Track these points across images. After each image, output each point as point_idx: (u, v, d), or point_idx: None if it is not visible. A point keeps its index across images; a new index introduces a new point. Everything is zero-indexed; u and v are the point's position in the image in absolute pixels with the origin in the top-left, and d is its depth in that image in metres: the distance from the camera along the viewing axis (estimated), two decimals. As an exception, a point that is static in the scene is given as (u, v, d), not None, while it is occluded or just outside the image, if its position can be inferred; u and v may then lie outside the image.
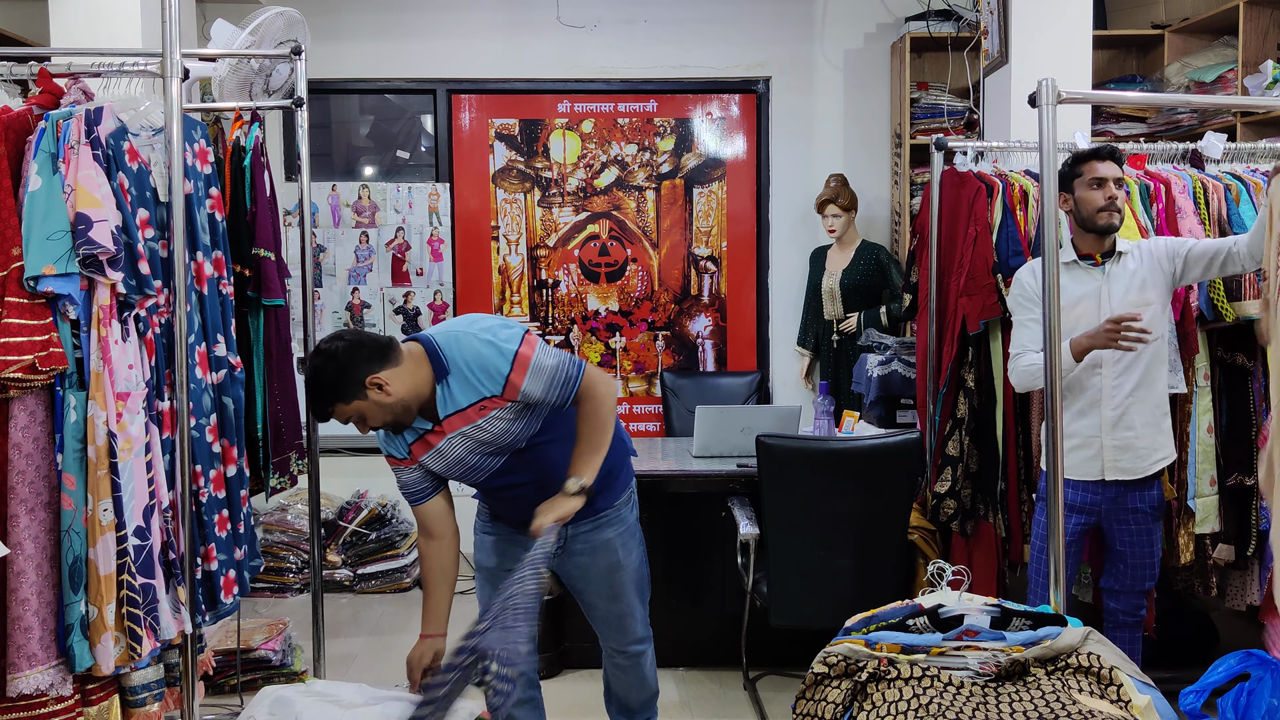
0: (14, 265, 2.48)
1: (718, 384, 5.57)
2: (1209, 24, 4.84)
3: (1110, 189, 3.23)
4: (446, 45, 5.67)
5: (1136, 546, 3.31)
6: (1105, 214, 3.23)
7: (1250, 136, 4.45)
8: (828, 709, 2.14)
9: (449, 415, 2.58)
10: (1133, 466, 3.25)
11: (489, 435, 2.61)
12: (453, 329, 2.62)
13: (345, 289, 5.76)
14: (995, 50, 4.59)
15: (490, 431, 2.60)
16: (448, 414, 2.58)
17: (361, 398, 2.50)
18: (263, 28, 3.41)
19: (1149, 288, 3.25)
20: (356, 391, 2.49)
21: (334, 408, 2.52)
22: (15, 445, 2.51)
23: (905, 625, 2.25)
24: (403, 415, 2.57)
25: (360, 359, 2.50)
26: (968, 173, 3.86)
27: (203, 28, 4.91)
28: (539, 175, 5.84)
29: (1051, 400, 2.67)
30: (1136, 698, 2.03)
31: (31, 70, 2.80)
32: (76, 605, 2.53)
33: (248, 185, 3.34)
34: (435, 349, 2.57)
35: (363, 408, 2.52)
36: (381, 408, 2.52)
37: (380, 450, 2.73)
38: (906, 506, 3.57)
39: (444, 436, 2.61)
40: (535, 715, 2.97)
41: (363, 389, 2.49)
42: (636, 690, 3.05)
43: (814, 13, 5.74)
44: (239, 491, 3.01)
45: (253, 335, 3.36)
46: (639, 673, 3.03)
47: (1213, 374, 3.64)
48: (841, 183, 5.38)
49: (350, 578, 5.25)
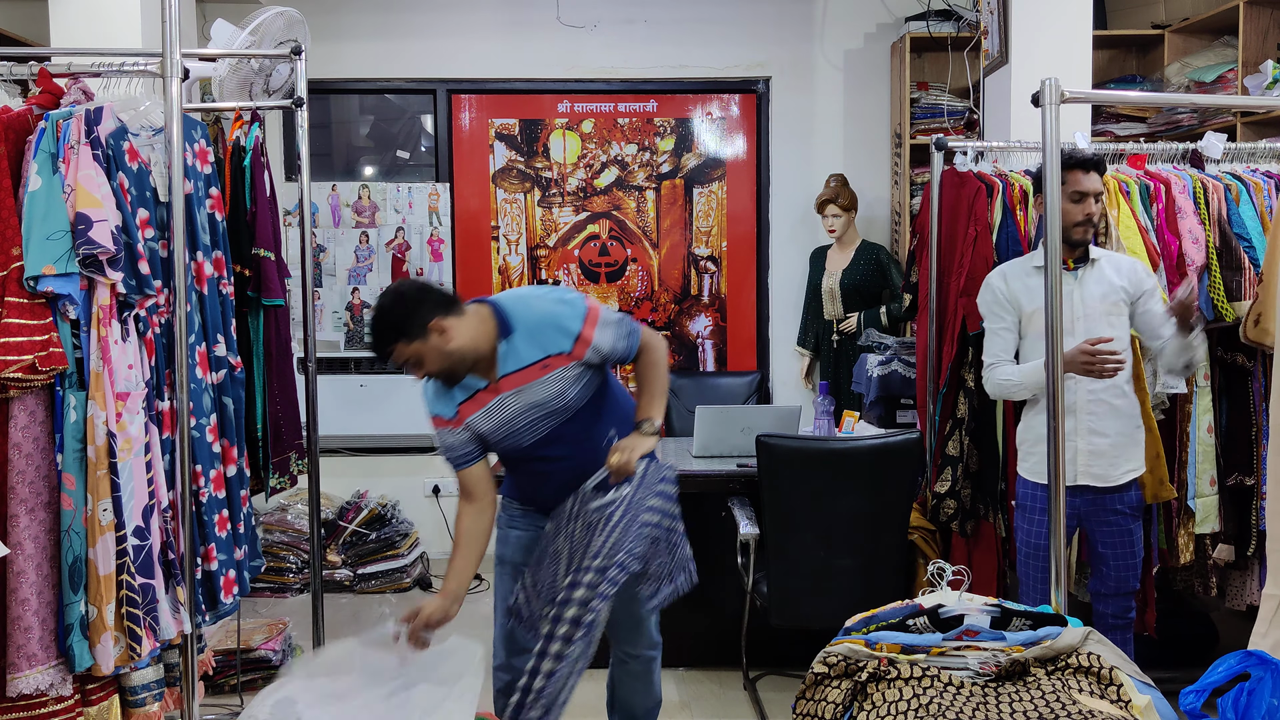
0: (14, 265, 2.48)
1: (718, 384, 5.57)
2: (1209, 24, 4.84)
3: (1089, 205, 3.20)
4: (446, 45, 5.67)
5: (1117, 548, 3.29)
6: (1080, 229, 3.23)
7: (1250, 136, 4.45)
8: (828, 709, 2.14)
9: (507, 374, 2.66)
10: (1104, 474, 3.25)
11: (542, 397, 2.68)
12: (518, 294, 2.76)
13: (345, 289, 5.76)
14: (995, 50, 4.59)
15: (545, 393, 2.67)
16: (506, 372, 2.65)
17: (423, 339, 2.58)
18: (263, 28, 3.41)
19: (1119, 298, 3.26)
20: (419, 333, 2.57)
21: (395, 346, 2.59)
22: (15, 445, 2.51)
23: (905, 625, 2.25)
24: (458, 365, 2.64)
25: (427, 301, 2.59)
26: (968, 173, 3.86)
27: (203, 28, 4.91)
28: (539, 175, 5.84)
29: (1053, 401, 2.67)
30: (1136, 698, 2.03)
31: (31, 70, 2.80)
32: (76, 605, 2.53)
33: (248, 185, 3.34)
34: (501, 308, 2.68)
35: (422, 350, 2.59)
36: (440, 354, 2.60)
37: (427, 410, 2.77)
38: (906, 506, 3.57)
39: (497, 395, 2.67)
40: None
41: (425, 331, 2.57)
42: (643, 697, 3.05)
43: (814, 13, 5.74)
44: (239, 491, 3.01)
45: (253, 335, 3.36)
46: (649, 679, 3.03)
47: (1213, 374, 3.64)
48: (841, 183, 5.38)
49: (350, 578, 5.25)
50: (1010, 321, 3.36)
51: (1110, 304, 3.25)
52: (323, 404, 3.85)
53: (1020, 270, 3.36)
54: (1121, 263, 3.32)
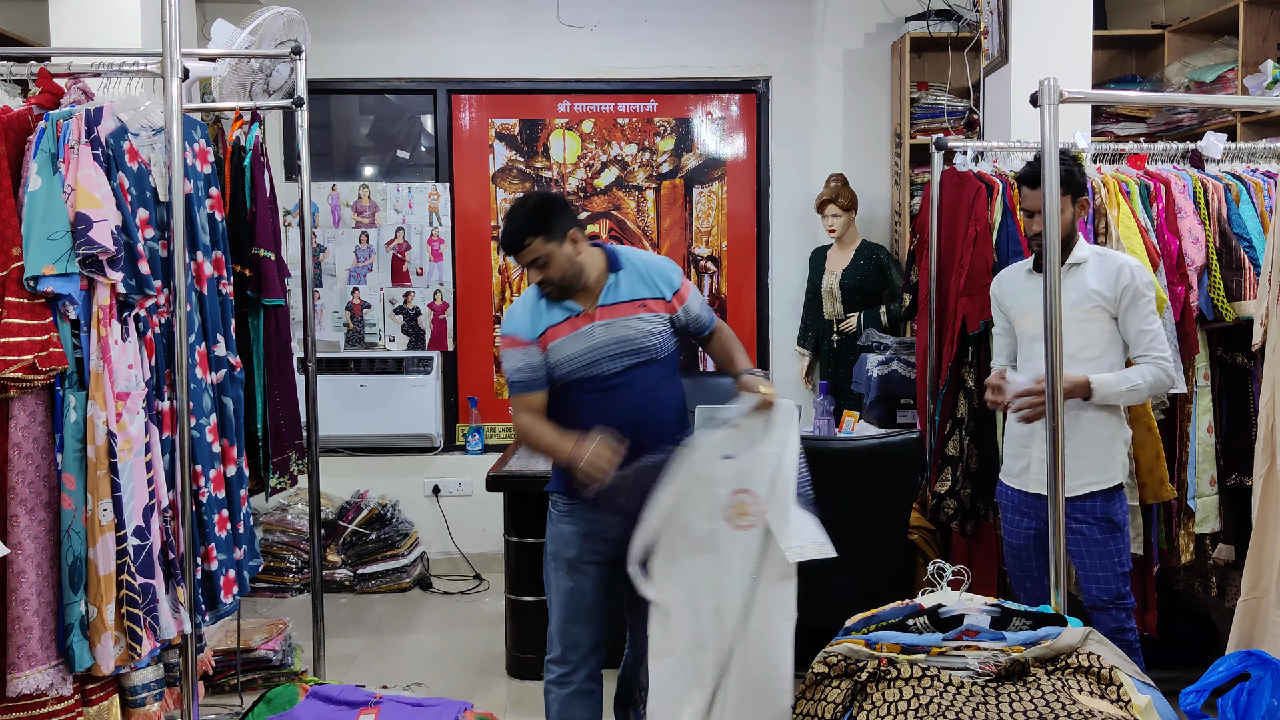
0: (14, 265, 2.48)
1: (717, 384, 5.56)
2: (1209, 24, 4.84)
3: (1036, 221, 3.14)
4: (446, 45, 5.67)
5: (1085, 558, 3.18)
6: (1033, 242, 3.23)
7: (1250, 136, 4.45)
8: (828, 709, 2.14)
9: (607, 304, 2.85)
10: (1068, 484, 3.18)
11: (632, 333, 2.85)
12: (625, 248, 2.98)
13: (345, 289, 5.76)
14: (995, 50, 4.59)
15: (635, 330, 2.85)
16: (606, 302, 2.85)
17: (559, 242, 2.77)
18: (263, 28, 3.41)
19: (1096, 307, 3.15)
20: (559, 235, 2.77)
21: (534, 240, 2.75)
22: (15, 445, 2.51)
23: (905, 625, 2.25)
24: (574, 280, 2.82)
25: (569, 212, 2.84)
26: (968, 173, 3.86)
27: (203, 28, 4.91)
28: (539, 175, 5.84)
29: (1052, 401, 2.67)
30: (1136, 698, 2.04)
31: (31, 70, 2.80)
32: (76, 605, 2.53)
33: (248, 185, 3.34)
34: (613, 250, 2.92)
35: (554, 252, 2.77)
36: (568, 261, 2.79)
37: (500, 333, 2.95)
38: (906, 506, 3.57)
39: (591, 321, 2.83)
40: (594, 709, 2.96)
41: (564, 236, 2.77)
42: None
43: (814, 13, 5.74)
44: (239, 491, 3.01)
45: (253, 335, 3.36)
46: None
47: (1213, 374, 3.64)
48: (841, 183, 5.37)
49: (350, 578, 5.25)
50: (1004, 325, 3.39)
51: (1082, 311, 3.15)
52: (323, 404, 3.85)
53: (1013, 273, 3.38)
54: (1109, 265, 3.18)
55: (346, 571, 5.25)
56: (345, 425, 5.47)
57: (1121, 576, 3.19)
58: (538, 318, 2.85)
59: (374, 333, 5.77)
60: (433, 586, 5.36)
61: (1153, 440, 3.46)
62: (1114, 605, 3.20)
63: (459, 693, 3.90)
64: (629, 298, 2.86)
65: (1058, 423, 2.66)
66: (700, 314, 3.00)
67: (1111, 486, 3.17)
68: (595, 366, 2.83)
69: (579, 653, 2.91)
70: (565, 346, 2.82)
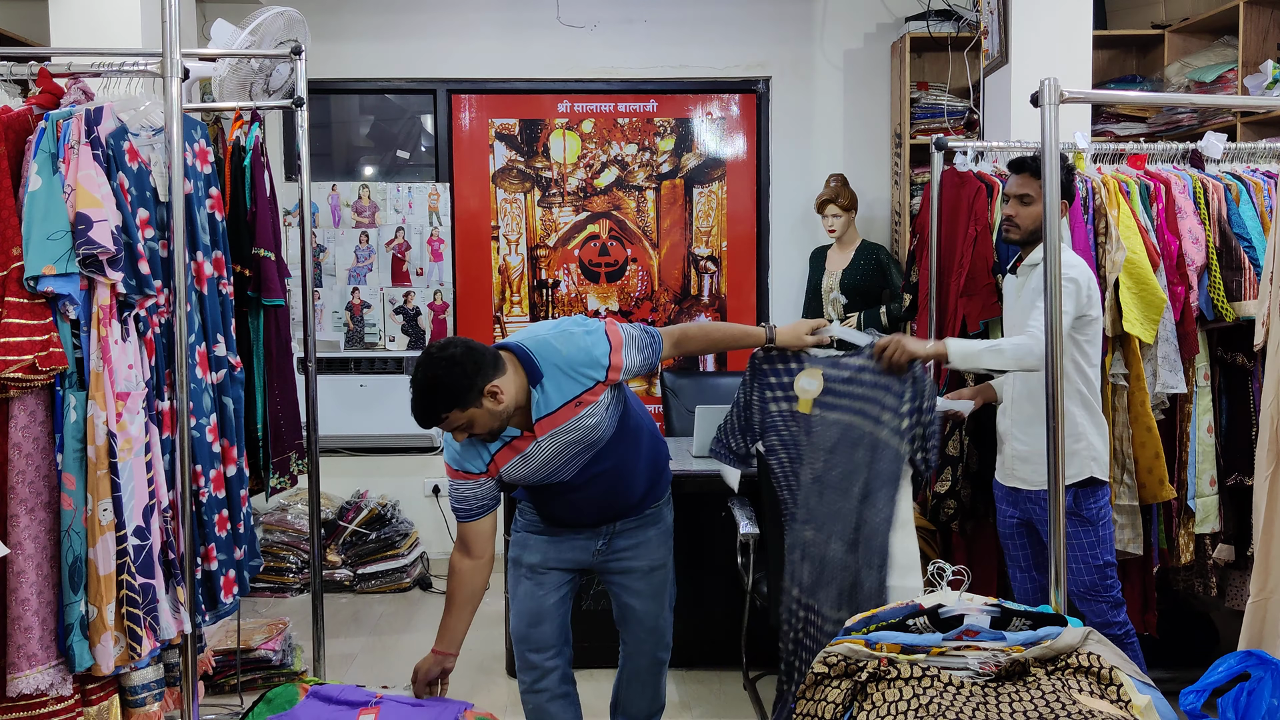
0: (14, 265, 2.48)
1: (718, 384, 5.56)
2: (1209, 24, 4.84)
3: (1011, 206, 3.22)
4: (446, 45, 5.67)
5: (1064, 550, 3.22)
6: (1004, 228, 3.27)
7: (1250, 136, 4.45)
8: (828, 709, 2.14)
9: (541, 418, 2.61)
10: (1029, 478, 3.23)
11: (578, 434, 2.66)
12: (535, 336, 2.67)
13: (345, 289, 5.76)
14: (995, 50, 4.59)
15: (580, 429, 2.65)
16: (540, 416, 2.61)
17: (477, 405, 2.52)
18: (263, 28, 3.41)
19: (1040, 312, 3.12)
20: (475, 399, 2.51)
21: (449, 414, 2.52)
22: (15, 445, 2.51)
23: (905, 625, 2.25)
24: (506, 423, 2.61)
25: (481, 365, 2.52)
26: (968, 173, 3.86)
27: (203, 28, 4.91)
28: (539, 175, 5.84)
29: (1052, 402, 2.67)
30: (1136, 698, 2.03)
31: (31, 70, 2.80)
32: (76, 605, 2.53)
33: (248, 185, 3.34)
34: (528, 354, 2.61)
35: (475, 415, 2.53)
36: (492, 415, 2.55)
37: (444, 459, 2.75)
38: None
39: (533, 440, 2.64)
40: (571, 711, 2.97)
41: (481, 396, 2.51)
42: (649, 701, 3.06)
43: (814, 13, 5.74)
44: (239, 491, 3.01)
45: (253, 335, 3.36)
46: (657, 683, 3.04)
47: (1213, 374, 3.64)
48: (841, 183, 5.37)
49: (350, 578, 5.25)
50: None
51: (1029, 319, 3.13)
52: (323, 404, 3.85)
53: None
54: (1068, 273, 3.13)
55: (346, 571, 5.25)
56: (345, 425, 5.47)
57: (1095, 569, 3.21)
58: (480, 451, 2.68)
59: (374, 333, 5.78)
60: (433, 586, 5.35)
61: (1153, 440, 3.47)
62: (1092, 597, 3.22)
63: (459, 693, 3.89)
64: (561, 402, 2.62)
65: (1058, 422, 2.65)
66: (644, 359, 2.72)
67: (1078, 481, 3.18)
68: (552, 476, 2.72)
69: (543, 656, 2.88)
70: (517, 469, 2.69)
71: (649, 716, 3.07)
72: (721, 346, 3.01)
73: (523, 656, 2.92)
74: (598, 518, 2.84)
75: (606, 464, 2.73)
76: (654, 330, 2.77)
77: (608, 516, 2.85)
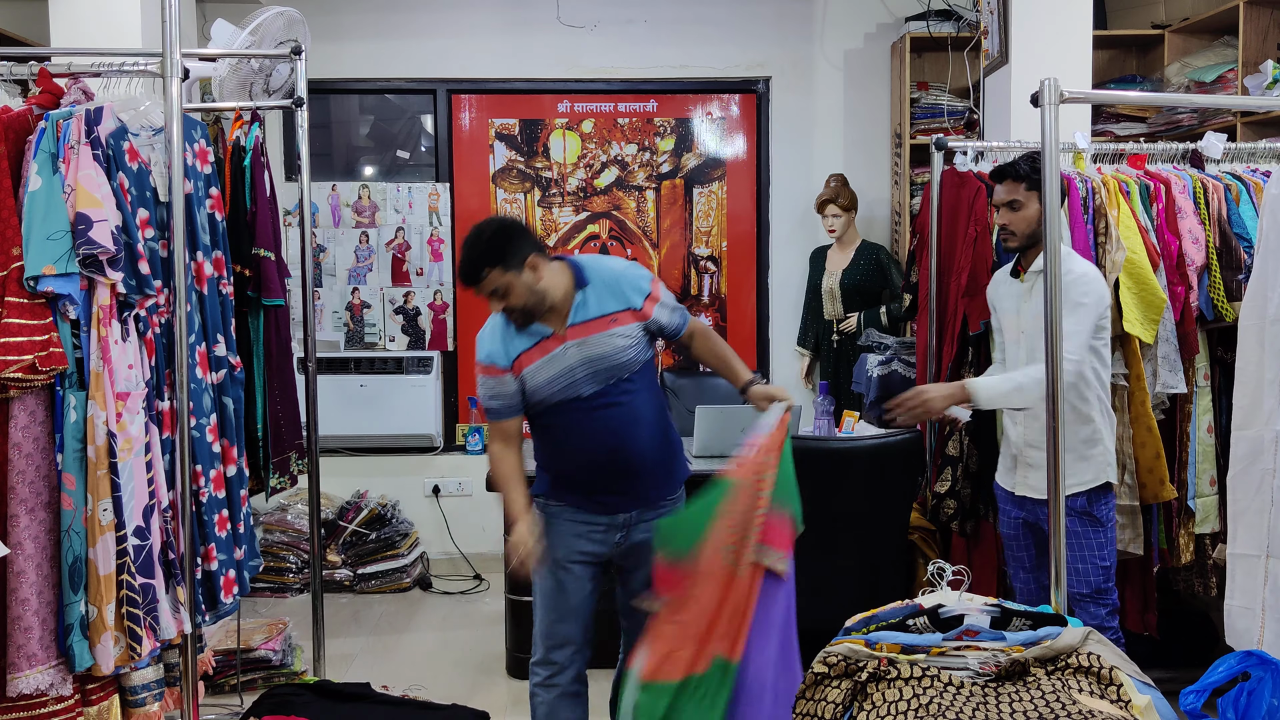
0: (14, 265, 2.48)
1: (718, 384, 5.56)
2: (1209, 24, 4.84)
3: (1003, 215, 3.20)
4: (446, 45, 5.67)
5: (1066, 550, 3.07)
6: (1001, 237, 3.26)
7: (1250, 136, 4.45)
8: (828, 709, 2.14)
9: (576, 323, 2.77)
10: (1039, 486, 3.19)
11: (606, 350, 2.78)
12: (590, 256, 2.91)
13: (345, 289, 5.76)
14: (995, 50, 4.59)
15: (609, 346, 2.78)
16: (576, 321, 2.77)
17: (517, 270, 2.69)
18: (263, 28, 3.41)
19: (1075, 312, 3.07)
20: (516, 264, 2.69)
21: (491, 270, 2.69)
22: (15, 445, 2.51)
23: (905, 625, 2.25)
24: (538, 306, 2.75)
25: (528, 237, 2.74)
26: (968, 173, 3.86)
27: (203, 28, 4.91)
28: (539, 175, 5.84)
29: (1052, 403, 2.67)
30: (1136, 698, 2.03)
31: (31, 70, 2.80)
32: (76, 605, 2.53)
33: (248, 185, 3.34)
34: (578, 264, 2.82)
35: (513, 281, 2.69)
36: (528, 289, 2.71)
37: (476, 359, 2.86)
38: (906, 506, 3.57)
39: (562, 343, 2.77)
40: (580, 710, 2.97)
41: (522, 263, 2.69)
42: None
43: (814, 13, 5.74)
44: (239, 491, 3.01)
45: (253, 335, 3.36)
46: None
47: (1213, 374, 3.64)
48: (841, 183, 5.37)
49: (350, 578, 5.25)
50: (998, 324, 3.41)
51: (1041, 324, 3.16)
52: (323, 404, 3.85)
53: (1002, 275, 3.42)
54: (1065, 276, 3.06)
55: (346, 571, 5.25)
56: (345, 425, 5.47)
57: (1102, 571, 3.21)
58: (509, 343, 2.80)
59: (374, 333, 5.77)
60: (433, 586, 5.36)
61: (1153, 440, 3.46)
62: (1093, 600, 3.21)
63: (459, 693, 3.90)
64: (599, 313, 2.77)
65: (1057, 422, 2.65)
66: (673, 318, 2.92)
67: (1094, 487, 3.18)
68: (571, 389, 2.79)
69: (565, 653, 2.90)
70: (539, 372, 2.78)
71: None
72: (712, 362, 3.04)
73: (543, 651, 2.93)
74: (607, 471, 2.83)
75: (624, 397, 2.81)
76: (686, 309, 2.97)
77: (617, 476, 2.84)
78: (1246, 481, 2.67)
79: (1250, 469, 2.65)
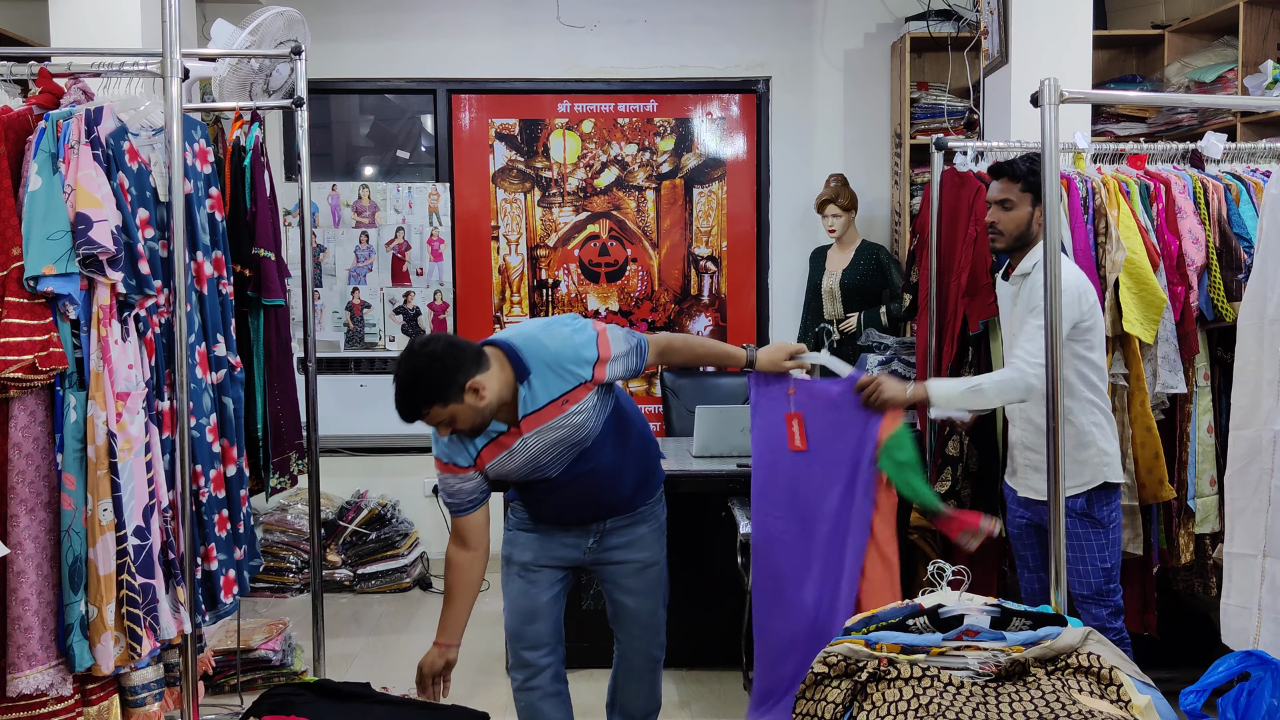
0: (14, 265, 2.48)
1: (718, 384, 5.57)
2: (1209, 24, 4.84)
3: (993, 212, 3.17)
4: (446, 45, 5.67)
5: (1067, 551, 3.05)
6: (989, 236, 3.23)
7: (1250, 136, 4.45)
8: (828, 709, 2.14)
9: (528, 414, 2.63)
10: (1038, 487, 3.18)
11: (564, 432, 2.67)
12: (524, 332, 2.69)
13: (345, 289, 5.76)
14: (995, 50, 4.59)
15: (566, 427, 2.66)
16: (527, 413, 2.63)
17: (459, 401, 2.54)
18: (263, 28, 3.41)
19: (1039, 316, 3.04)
20: (456, 395, 2.53)
21: (431, 409, 2.55)
22: (15, 445, 2.51)
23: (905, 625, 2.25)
24: (486, 421, 2.62)
25: (463, 362, 2.54)
26: (968, 173, 3.86)
27: (203, 28, 4.91)
28: (539, 175, 5.84)
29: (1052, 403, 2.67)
30: (1136, 698, 2.03)
31: (31, 70, 2.80)
32: (76, 605, 2.53)
33: (248, 185, 3.34)
34: (515, 351, 2.63)
35: (457, 411, 2.55)
36: (474, 411, 2.57)
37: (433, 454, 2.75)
38: (907, 506, 3.56)
39: (519, 437, 2.66)
40: (563, 710, 2.97)
41: (462, 392, 2.53)
42: (645, 700, 3.06)
43: (814, 13, 5.74)
44: (239, 491, 3.01)
45: (253, 335, 3.36)
46: (653, 681, 3.05)
47: (1213, 374, 3.64)
48: (841, 183, 5.37)
49: (350, 578, 5.25)
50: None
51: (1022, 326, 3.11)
52: (323, 404, 3.84)
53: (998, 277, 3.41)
54: None
55: (346, 571, 5.25)
56: (345, 425, 5.47)
57: (1103, 573, 3.20)
58: (468, 445, 2.69)
59: (374, 333, 5.78)
60: (433, 586, 5.36)
61: (1152, 440, 3.46)
62: (1094, 601, 3.21)
63: (459, 693, 3.89)
64: (548, 400, 2.63)
65: (1057, 422, 2.65)
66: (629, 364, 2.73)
67: (1093, 488, 3.17)
68: (538, 472, 2.73)
69: (537, 654, 2.88)
70: (503, 464, 2.70)
71: (645, 715, 3.07)
72: (703, 362, 3.01)
73: (516, 654, 2.92)
74: (586, 516, 2.84)
75: (593, 463, 2.74)
76: (642, 339, 2.78)
77: (597, 515, 2.85)
78: (1244, 481, 2.67)
79: (1248, 469, 2.65)
